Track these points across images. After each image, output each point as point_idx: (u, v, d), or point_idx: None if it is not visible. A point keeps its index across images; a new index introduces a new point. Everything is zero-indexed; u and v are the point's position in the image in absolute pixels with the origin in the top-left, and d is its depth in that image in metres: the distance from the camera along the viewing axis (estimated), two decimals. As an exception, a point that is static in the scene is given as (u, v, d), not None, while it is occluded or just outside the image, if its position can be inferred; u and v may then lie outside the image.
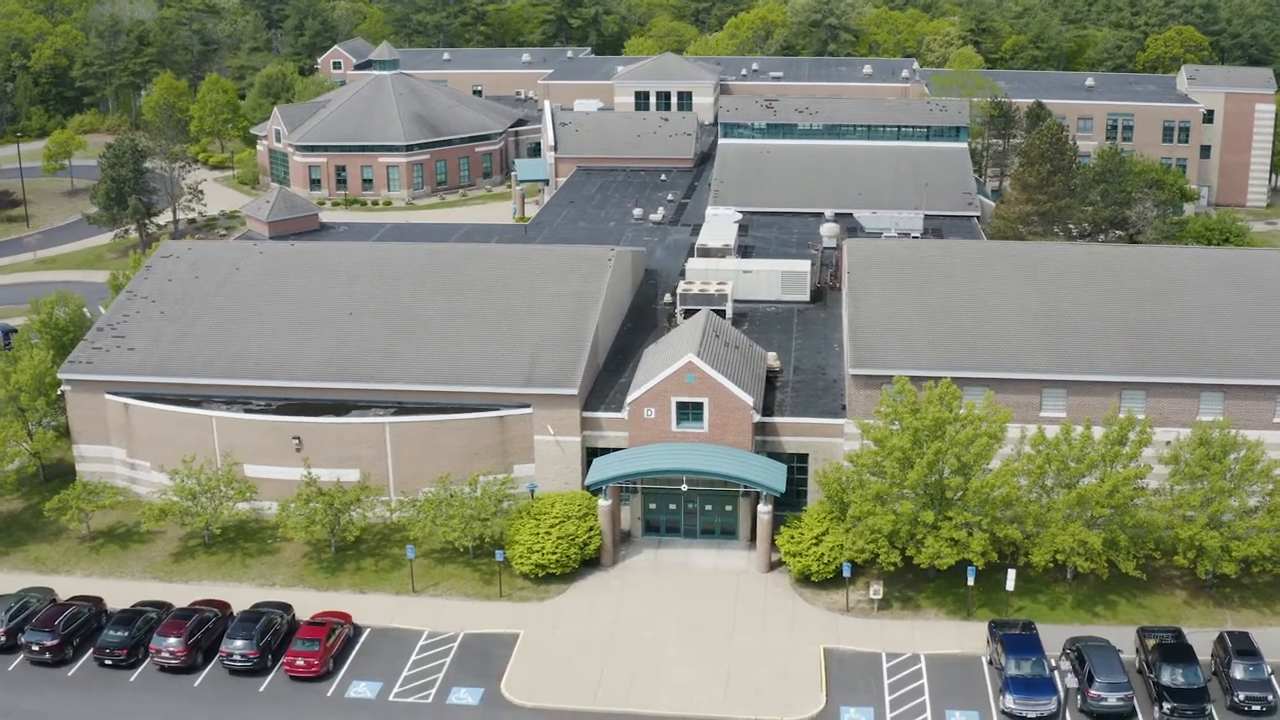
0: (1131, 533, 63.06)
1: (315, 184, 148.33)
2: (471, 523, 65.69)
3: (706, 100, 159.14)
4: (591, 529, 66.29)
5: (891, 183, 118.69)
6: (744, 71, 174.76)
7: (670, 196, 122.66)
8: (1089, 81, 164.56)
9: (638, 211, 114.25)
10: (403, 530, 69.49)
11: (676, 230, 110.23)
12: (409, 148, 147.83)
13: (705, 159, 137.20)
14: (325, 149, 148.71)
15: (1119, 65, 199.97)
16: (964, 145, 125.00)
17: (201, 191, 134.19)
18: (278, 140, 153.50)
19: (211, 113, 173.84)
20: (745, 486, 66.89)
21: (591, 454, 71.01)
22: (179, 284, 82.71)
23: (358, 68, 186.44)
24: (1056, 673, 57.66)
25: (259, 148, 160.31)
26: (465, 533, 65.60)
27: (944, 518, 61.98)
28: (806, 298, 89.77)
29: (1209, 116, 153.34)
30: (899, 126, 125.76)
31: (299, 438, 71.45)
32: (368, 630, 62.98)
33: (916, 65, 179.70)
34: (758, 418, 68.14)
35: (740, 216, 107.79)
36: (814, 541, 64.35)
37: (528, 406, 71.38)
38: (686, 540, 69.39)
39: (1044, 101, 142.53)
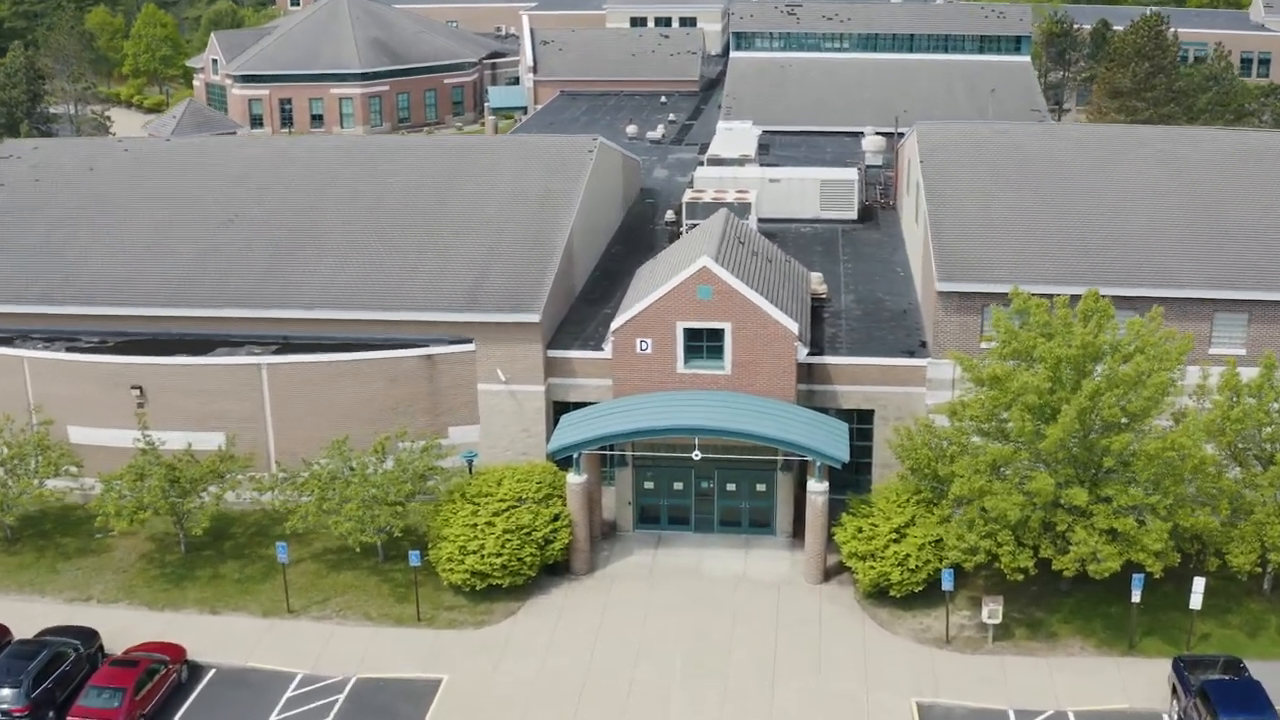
0: (1372, 523, 41.40)
1: (257, 120, 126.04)
2: (375, 508, 43.80)
3: (714, 28, 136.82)
4: (557, 519, 44.44)
5: (943, 99, 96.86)
6: None
7: (672, 117, 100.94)
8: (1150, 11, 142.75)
9: (632, 129, 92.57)
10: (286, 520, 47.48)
11: (680, 150, 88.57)
12: (365, 77, 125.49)
13: (713, 85, 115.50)
14: (268, 79, 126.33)
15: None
16: (1027, 59, 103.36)
17: (110, 119, 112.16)
18: (215, 72, 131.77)
19: (147, 49, 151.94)
20: (788, 454, 45.08)
21: (560, 410, 49.16)
22: (11, 190, 60.53)
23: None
24: (1293, 745, 35.92)
25: (195, 82, 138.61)
26: (366, 523, 43.68)
27: (1099, 498, 40.09)
28: (853, 215, 67.99)
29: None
30: (948, 37, 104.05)
31: (140, 387, 49.65)
32: (211, 671, 41.14)
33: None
34: (805, 353, 46.26)
35: (760, 131, 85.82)
36: (893, 537, 42.49)
37: (469, 342, 49.54)
38: (699, 535, 47.55)
39: (1108, 23, 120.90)
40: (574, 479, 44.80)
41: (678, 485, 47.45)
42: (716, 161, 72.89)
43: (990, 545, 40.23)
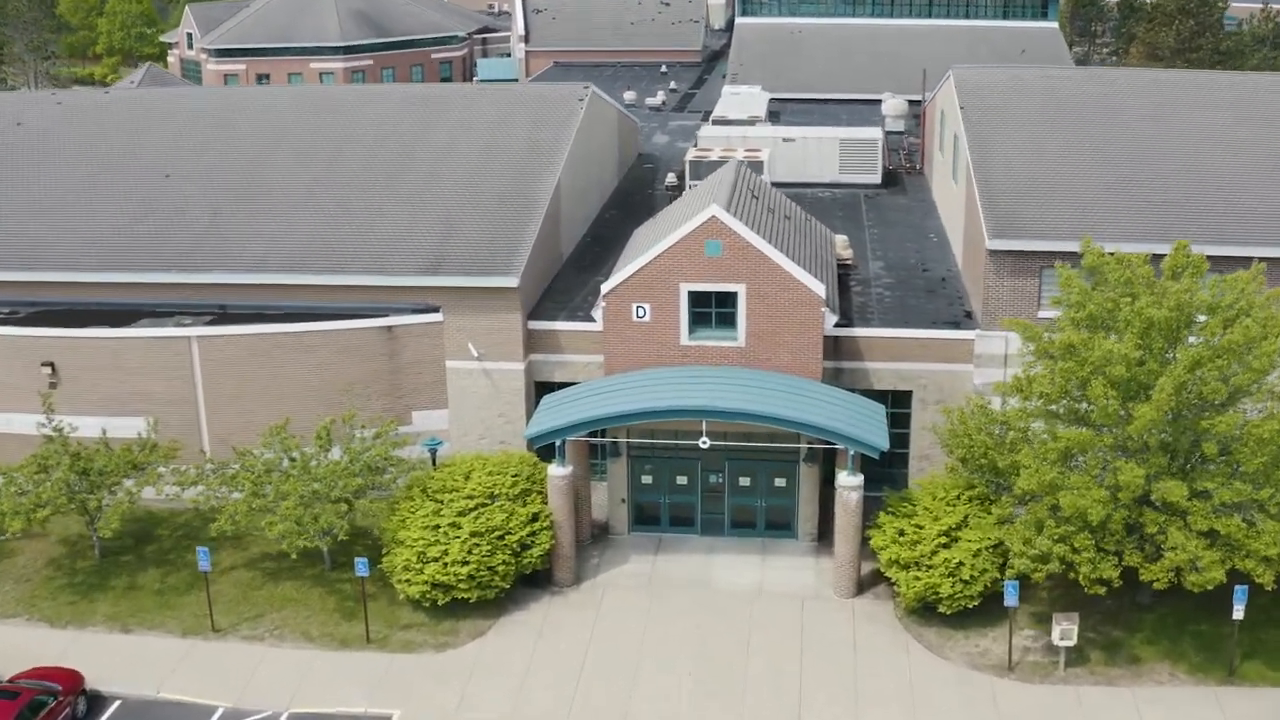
0: None
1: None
2: (317, 506, 36.48)
3: (718, 0, 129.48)
4: (536, 519, 37.13)
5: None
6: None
7: (673, 85, 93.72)
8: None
9: (630, 95, 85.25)
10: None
11: (682, 117, 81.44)
12: (348, 50, 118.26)
13: (716, 56, 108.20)
14: (245, 54, 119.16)
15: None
16: (1054, 24, 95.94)
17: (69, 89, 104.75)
18: (190, 47, 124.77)
19: (122, 27, 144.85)
20: (814, 442, 37.80)
21: (542, 391, 41.88)
22: (-74, 147, 53.43)
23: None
24: None
25: (170, 59, 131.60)
26: (306, 525, 36.34)
27: (1194, 493, 32.80)
28: (876, 178, 60.77)
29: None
30: (969, 0, 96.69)
31: (52, 364, 42.42)
32: (115, 704, 33.96)
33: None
34: (833, 322, 39.00)
35: (769, 98, 78.59)
36: (942, 541, 35.20)
37: (435, 311, 42.28)
38: (707, 539, 40.29)
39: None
40: (557, 471, 37.47)
41: (681, 479, 40.14)
42: (723, 123, 65.77)
43: (1064, 551, 32.87)
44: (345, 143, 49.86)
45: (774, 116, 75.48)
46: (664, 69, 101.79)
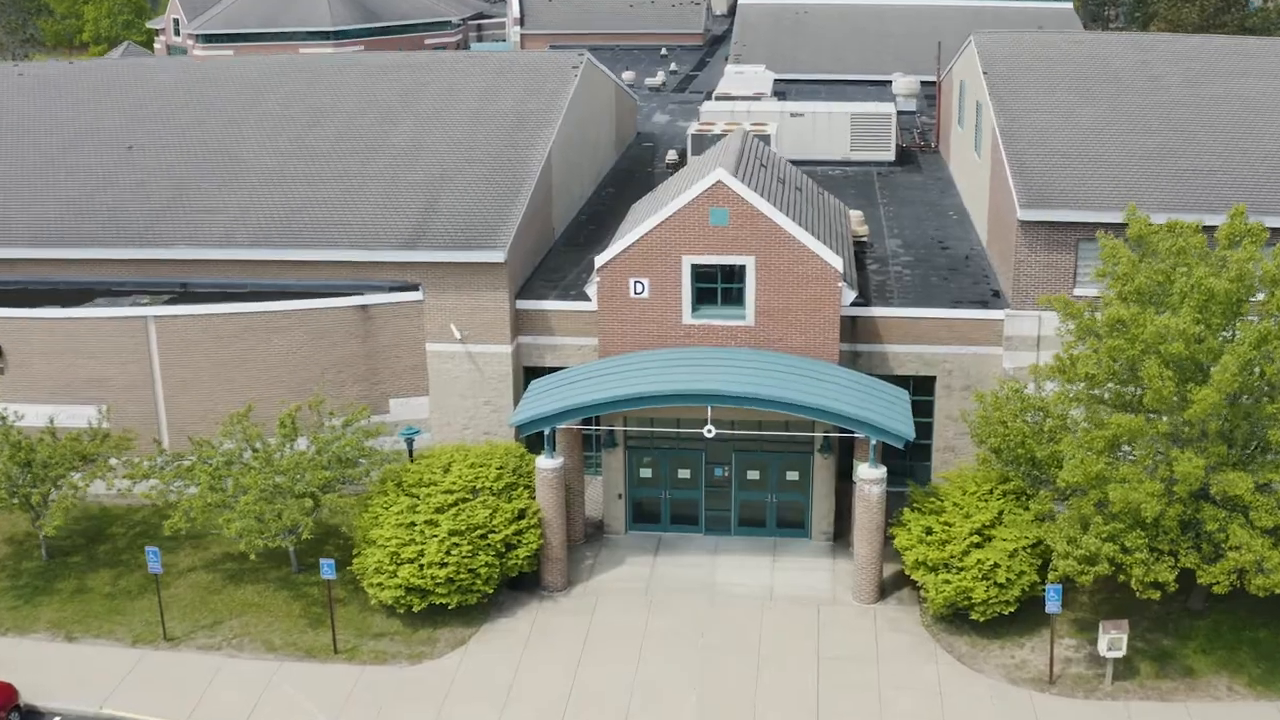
0: None
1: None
2: (280, 502, 32.96)
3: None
4: (522, 516, 33.61)
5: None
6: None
7: (674, 67, 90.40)
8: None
9: (629, 75, 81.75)
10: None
11: (683, 97, 78.10)
12: (338, 35, 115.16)
13: (718, 41, 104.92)
14: (232, 39, 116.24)
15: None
16: (1069, 5, 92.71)
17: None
18: (177, 33, 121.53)
19: (109, 14, 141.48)
20: (830, 431, 34.31)
21: (532, 377, 38.35)
22: (-123, 120, 49.94)
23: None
24: None
25: (156, 45, 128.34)
26: (268, 522, 32.81)
27: (1260, 486, 29.32)
28: (890, 155, 57.32)
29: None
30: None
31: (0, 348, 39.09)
32: (53, 722, 30.61)
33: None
34: (851, 298, 35.48)
35: (773, 78, 75.19)
36: (974, 541, 31.69)
37: (415, 289, 38.78)
38: (712, 539, 36.76)
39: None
40: (546, 463, 33.91)
41: (683, 473, 36.64)
42: (727, 99, 62.37)
43: (1113, 551, 29.33)
44: (321, 112, 46.48)
45: (780, 96, 72.18)
46: (664, 51, 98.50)
